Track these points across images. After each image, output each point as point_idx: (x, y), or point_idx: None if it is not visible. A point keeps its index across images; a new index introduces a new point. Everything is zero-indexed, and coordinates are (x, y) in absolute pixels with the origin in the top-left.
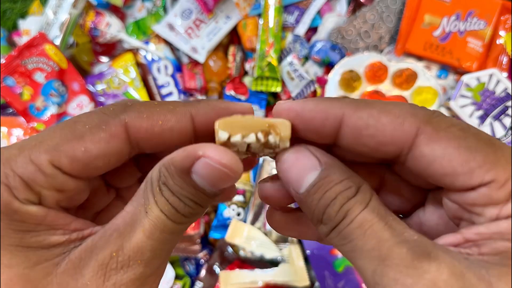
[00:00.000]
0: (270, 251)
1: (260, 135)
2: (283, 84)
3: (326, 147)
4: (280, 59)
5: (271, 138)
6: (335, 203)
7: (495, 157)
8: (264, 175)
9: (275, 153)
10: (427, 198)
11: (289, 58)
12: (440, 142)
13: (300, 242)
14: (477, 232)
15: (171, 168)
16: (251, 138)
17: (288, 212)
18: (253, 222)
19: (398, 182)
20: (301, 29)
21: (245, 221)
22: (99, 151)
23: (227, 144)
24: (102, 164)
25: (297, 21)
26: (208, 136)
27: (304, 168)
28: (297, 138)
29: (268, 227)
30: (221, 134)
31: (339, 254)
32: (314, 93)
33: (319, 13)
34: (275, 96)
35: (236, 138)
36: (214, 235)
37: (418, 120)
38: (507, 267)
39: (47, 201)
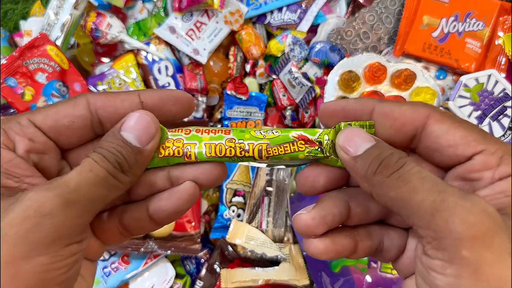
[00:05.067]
0: (270, 250)
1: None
2: (286, 91)
3: None
4: (279, 68)
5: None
6: (393, 155)
7: (486, 135)
8: (262, 175)
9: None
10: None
11: (288, 67)
12: (445, 123)
13: (296, 243)
14: (484, 194)
15: (105, 135)
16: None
17: (323, 238)
18: (249, 221)
19: (421, 162)
20: (304, 27)
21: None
22: (66, 112)
23: None
24: (68, 122)
25: (300, 19)
26: (153, 111)
27: (362, 139)
28: None
29: (264, 226)
30: None
31: None
32: (315, 98)
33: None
34: (274, 101)
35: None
36: (214, 236)
37: (429, 108)
38: (508, 216)
39: (18, 147)
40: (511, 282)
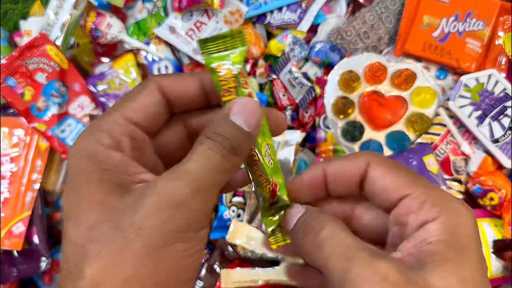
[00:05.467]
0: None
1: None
2: (287, 91)
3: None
4: (279, 68)
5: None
6: (311, 222)
7: (416, 180)
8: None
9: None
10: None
11: (288, 67)
12: (381, 168)
13: None
14: (408, 246)
15: (214, 121)
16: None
17: (298, 266)
18: (249, 221)
19: (370, 209)
20: (304, 26)
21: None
22: (148, 101)
23: None
24: (153, 111)
25: (300, 19)
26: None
27: (296, 213)
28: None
29: (264, 226)
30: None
31: None
32: (315, 98)
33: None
34: (274, 101)
35: None
36: (214, 236)
37: (369, 156)
38: (436, 263)
39: (124, 147)
40: None
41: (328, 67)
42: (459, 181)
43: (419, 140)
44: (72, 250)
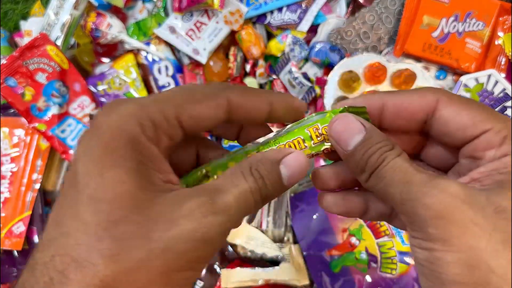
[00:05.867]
0: (270, 250)
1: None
2: (287, 91)
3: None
4: (279, 68)
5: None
6: (376, 154)
7: (493, 115)
8: None
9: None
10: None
11: (288, 67)
12: (453, 106)
13: (297, 243)
14: (479, 171)
15: (265, 158)
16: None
17: (336, 193)
18: (249, 221)
19: (435, 147)
20: (304, 26)
21: None
22: (209, 114)
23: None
24: (208, 125)
25: (300, 19)
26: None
27: (352, 131)
28: None
29: (264, 226)
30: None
31: (335, 255)
32: (315, 98)
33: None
34: None
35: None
36: None
37: (437, 93)
38: (504, 188)
39: (162, 145)
40: (480, 249)
41: (328, 67)
42: None
43: None
44: (81, 234)
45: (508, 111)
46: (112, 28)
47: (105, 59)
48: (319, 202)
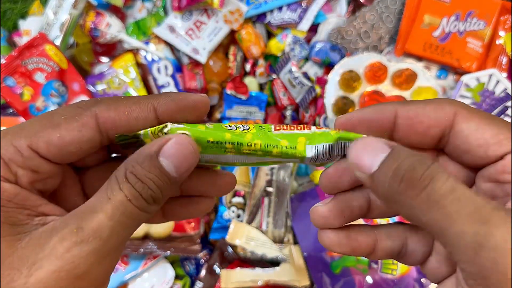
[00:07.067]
0: (271, 251)
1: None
2: (287, 91)
3: None
4: (279, 68)
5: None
6: (416, 167)
7: None
8: (262, 176)
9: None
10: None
11: (288, 66)
12: (474, 120)
13: (297, 244)
14: None
15: (140, 155)
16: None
17: (339, 230)
18: (249, 222)
19: (450, 164)
20: (305, 26)
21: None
22: (72, 137)
23: None
24: (75, 149)
25: (300, 18)
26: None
27: (375, 150)
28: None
29: (264, 226)
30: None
31: (336, 256)
32: (316, 98)
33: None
34: (274, 101)
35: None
36: (214, 236)
37: (455, 106)
38: None
39: (22, 181)
40: None
41: (328, 67)
42: None
43: None
44: None
45: (509, 111)
46: (111, 28)
47: (104, 59)
48: (320, 239)
